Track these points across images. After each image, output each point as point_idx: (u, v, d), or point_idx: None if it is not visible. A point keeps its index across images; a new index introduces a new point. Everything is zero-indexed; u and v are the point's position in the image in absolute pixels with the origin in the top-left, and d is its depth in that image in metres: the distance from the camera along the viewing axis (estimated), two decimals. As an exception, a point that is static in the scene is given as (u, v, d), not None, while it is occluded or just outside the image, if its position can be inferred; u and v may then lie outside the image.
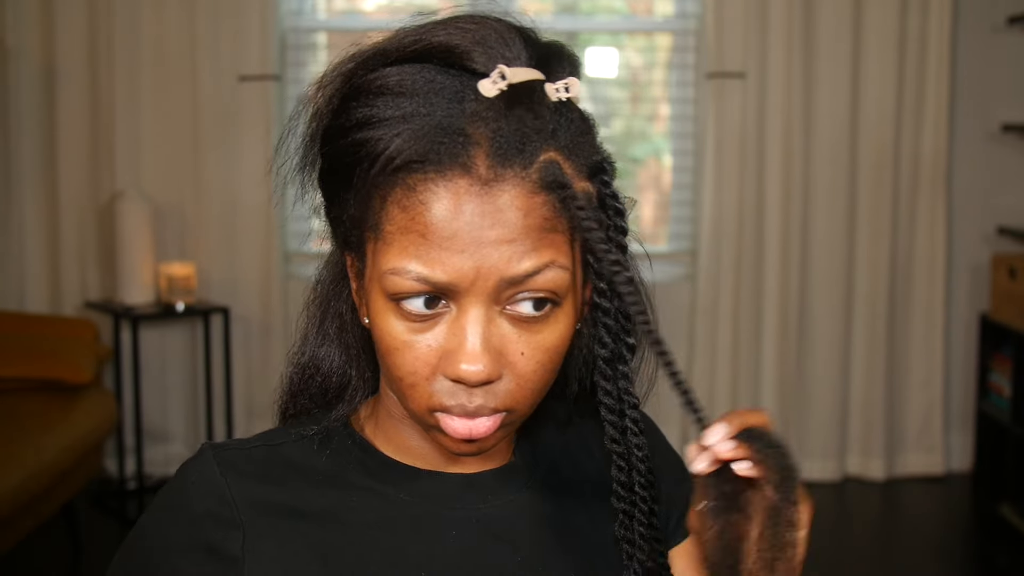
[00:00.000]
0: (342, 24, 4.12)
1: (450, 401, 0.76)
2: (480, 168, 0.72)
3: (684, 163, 4.16)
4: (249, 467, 0.84)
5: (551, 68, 0.78)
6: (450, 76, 0.75)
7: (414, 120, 0.73)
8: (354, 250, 0.81)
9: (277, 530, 0.81)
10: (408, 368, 0.76)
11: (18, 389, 3.25)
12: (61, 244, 3.93)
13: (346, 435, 0.88)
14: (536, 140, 0.74)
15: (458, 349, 0.74)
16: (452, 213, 0.72)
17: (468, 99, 0.74)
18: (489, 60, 0.75)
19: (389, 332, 0.76)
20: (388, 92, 0.75)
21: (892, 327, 4.07)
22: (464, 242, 0.72)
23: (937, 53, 3.95)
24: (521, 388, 0.77)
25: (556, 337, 0.77)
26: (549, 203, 0.73)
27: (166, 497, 0.85)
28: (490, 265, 0.73)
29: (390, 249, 0.75)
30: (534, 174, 0.73)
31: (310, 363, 0.89)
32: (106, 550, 3.48)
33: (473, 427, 0.77)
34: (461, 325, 0.75)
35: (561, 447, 0.93)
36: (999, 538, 3.65)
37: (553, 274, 0.74)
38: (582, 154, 0.77)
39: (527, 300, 0.75)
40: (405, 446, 0.86)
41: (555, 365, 0.78)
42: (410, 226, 0.73)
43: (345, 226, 0.80)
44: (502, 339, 0.75)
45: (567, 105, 0.77)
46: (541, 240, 0.74)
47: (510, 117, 0.73)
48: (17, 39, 3.87)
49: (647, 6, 4.26)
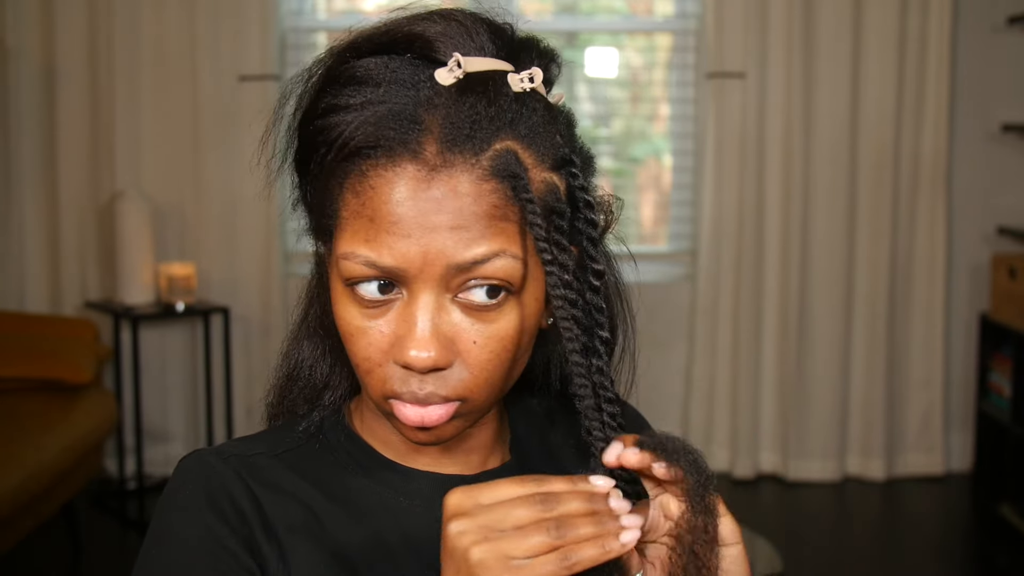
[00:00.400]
0: (342, 24, 4.12)
1: (401, 388, 0.76)
2: (429, 154, 0.73)
3: (684, 163, 4.16)
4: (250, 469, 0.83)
5: (519, 61, 0.78)
6: (413, 66, 0.76)
7: (371, 107, 0.74)
8: (321, 238, 0.82)
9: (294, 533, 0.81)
10: (363, 354, 0.77)
11: (18, 389, 3.25)
12: (61, 244, 3.93)
13: (338, 426, 0.88)
14: (488, 128, 0.74)
15: (407, 335, 0.74)
16: (400, 198, 0.73)
17: (424, 87, 0.74)
18: (451, 50, 0.75)
19: (344, 317, 0.77)
20: (354, 81, 0.76)
21: (892, 327, 4.07)
22: (410, 227, 0.73)
23: (937, 53, 3.95)
24: (475, 377, 0.76)
25: (511, 327, 0.76)
26: (500, 191, 0.73)
27: (173, 495, 0.82)
28: (437, 250, 0.73)
29: (343, 234, 0.75)
30: (485, 161, 0.73)
31: (296, 355, 0.90)
32: (106, 550, 3.49)
33: (425, 415, 0.76)
34: (411, 311, 0.75)
35: (549, 444, 0.93)
36: (999, 538, 3.65)
37: (503, 263, 0.74)
38: (545, 145, 0.77)
39: (479, 287, 0.75)
40: (389, 439, 0.86)
41: (511, 355, 0.77)
42: (361, 211, 0.74)
43: (313, 213, 0.81)
44: (454, 327, 0.75)
45: (531, 96, 0.77)
46: (491, 228, 0.73)
47: (462, 104, 0.73)
48: (17, 39, 3.87)
49: (647, 6, 4.26)
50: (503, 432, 0.90)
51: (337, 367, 0.89)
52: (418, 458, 0.86)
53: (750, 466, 4.09)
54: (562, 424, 0.94)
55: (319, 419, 0.87)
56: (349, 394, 0.90)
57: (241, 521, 0.80)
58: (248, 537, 0.79)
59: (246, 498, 0.81)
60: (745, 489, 4.03)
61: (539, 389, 0.92)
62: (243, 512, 0.80)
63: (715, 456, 4.10)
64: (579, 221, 0.78)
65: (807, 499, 3.99)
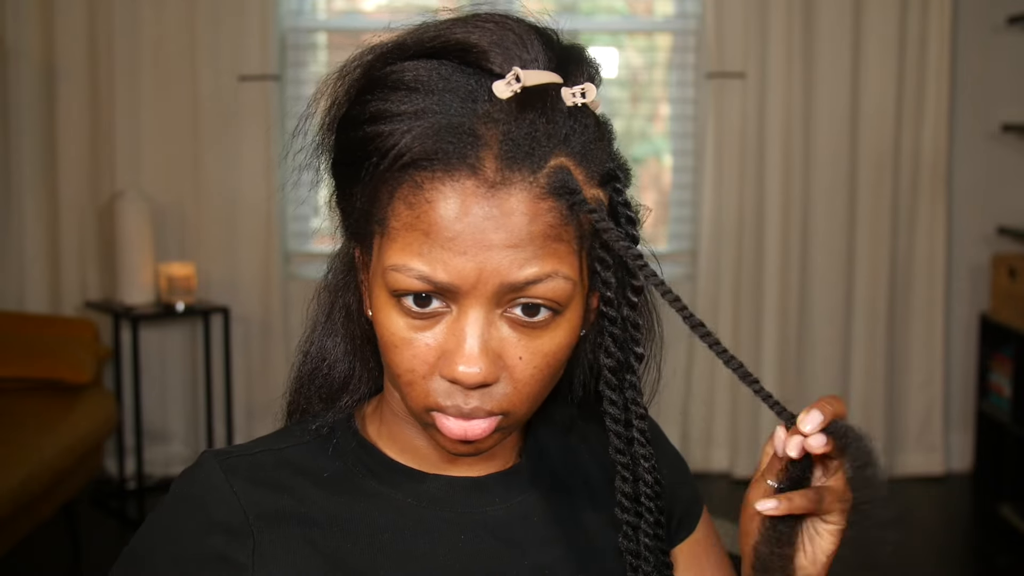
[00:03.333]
0: (342, 24, 4.12)
1: (446, 401, 0.76)
2: (488, 170, 0.72)
3: (684, 163, 4.16)
4: (254, 473, 0.83)
5: (569, 72, 0.77)
6: (466, 75, 0.74)
7: (426, 117, 0.73)
8: (361, 242, 0.81)
9: (285, 536, 0.81)
10: (406, 365, 0.76)
11: (18, 389, 3.25)
12: (61, 244, 3.93)
13: (349, 433, 0.87)
14: (547, 145, 0.73)
15: (456, 350, 0.74)
16: (457, 214, 0.72)
17: (481, 99, 0.73)
18: (506, 61, 0.74)
19: (389, 328, 0.76)
20: (403, 87, 0.74)
21: (892, 327, 4.07)
22: (467, 244, 0.72)
23: (937, 53, 3.95)
24: (518, 392, 0.76)
25: (556, 344, 0.76)
26: (556, 210, 0.73)
27: (170, 507, 0.84)
28: (492, 269, 0.72)
29: (394, 245, 0.74)
30: (543, 179, 0.72)
31: (317, 352, 0.89)
32: (106, 550, 3.48)
33: (468, 428, 0.76)
34: (461, 326, 0.74)
35: (566, 450, 0.92)
36: (999, 538, 3.65)
37: (555, 284, 0.74)
38: (595, 161, 0.76)
39: (528, 304, 0.75)
40: (410, 446, 0.85)
41: (553, 371, 0.78)
42: (415, 224, 0.73)
43: (353, 218, 0.80)
44: (501, 342, 0.75)
45: (583, 110, 0.76)
46: (545, 248, 0.73)
47: (522, 120, 0.73)
48: (17, 38, 3.86)
49: (647, 6, 4.26)
50: (514, 435, 0.89)
51: (357, 370, 0.88)
52: (429, 463, 0.86)
53: (750, 466, 4.09)
54: (580, 431, 0.93)
55: (332, 421, 0.87)
56: (366, 398, 0.89)
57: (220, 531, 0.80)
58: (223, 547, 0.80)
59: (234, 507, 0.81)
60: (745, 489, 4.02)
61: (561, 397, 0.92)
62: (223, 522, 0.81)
63: (715, 456, 4.10)
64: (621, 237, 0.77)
65: (807, 499, 3.99)
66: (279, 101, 3.93)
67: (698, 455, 4.06)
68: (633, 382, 0.78)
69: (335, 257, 0.89)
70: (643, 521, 0.81)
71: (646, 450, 0.78)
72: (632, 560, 0.82)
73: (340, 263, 0.88)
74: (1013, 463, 3.77)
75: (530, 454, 0.90)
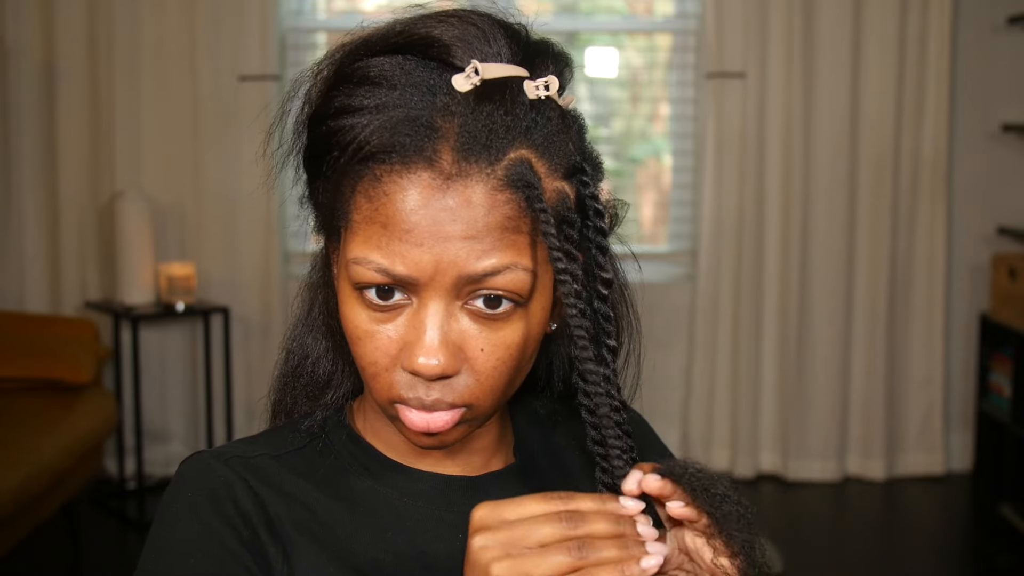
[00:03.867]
0: (342, 24, 4.12)
1: (408, 393, 0.76)
2: (445, 162, 0.72)
3: (684, 163, 4.16)
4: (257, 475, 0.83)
5: (535, 66, 0.77)
6: (428, 69, 0.75)
7: (386, 111, 0.73)
8: (329, 237, 0.82)
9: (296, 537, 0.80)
10: (369, 358, 0.77)
11: (18, 389, 3.25)
12: (61, 244, 3.93)
13: (341, 430, 0.87)
14: (505, 137, 0.73)
15: (416, 342, 0.75)
16: (414, 206, 0.72)
17: (441, 93, 0.74)
18: (468, 55, 0.75)
19: (353, 321, 0.77)
20: (367, 82, 0.75)
21: (892, 327, 4.07)
22: (424, 235, 0.72)
23: (937, 53, 3.95)
24: (480, 384, 0.76)
25: (518, 335, 0.76)
26: (514, 201, 0.73)
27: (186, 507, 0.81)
28: (449, 260, 0.73)
29: (355, 238, 0.75)
30: (500, 171, 0.73)
31: (299, 350, 0.90)
32: (106, 550, 3.49)
33: (431, 420, 0.77)
34: (420, 318, 0.75)
35: (553, 447, 0.93)
36: (999, 538, 3.65)
37: (513, 275, 0.74)
38: (558, 153, 0.76)
39: (488, 296, 0.75)
40: (393, 441, 0.86)
41: (517, 363, 0.78)
42: (374, 216, 0.74)
43: (322, 213, 0.81)
44: (462, 334, 0.75)
45: (546, 103, 0.76)
46: (503, 239, 0.73)
47: (479, 112, 0.73)
48: (17, 39, 3.87)
49: (647, 6, 4.26)
50: (506, 434, 0.90)
51: (340, 366, 0.89)
52: (422, 459, 0.86)
53: (750, 466, 4.09)
54: (565, 426, 0.94)
55: (321, 419, 0.87)
56: (351, 393, 0.90)
57: (244, 522, 0.79)
58: (251, 538, 0.79)
59: (249, 499, 0.80)
60: (745, 489, 4.01)
61: (542, 391, 0.92)
62: (246, 513, 0.80)
63: (715, 456, 4.09)
64: (588, 229, 0.78)
65: (807, 499, 3.99)
66: (279, 101, 3.92)
67: (698, 455, 4.06)
68: (607, 375, 0.78)
69: (316, 255, 0.90)
70: None
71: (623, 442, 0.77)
72: None
73: (320, 260, 0.89)
74: (1013, 463, 3.77)
75: (523, 454, 0.90)
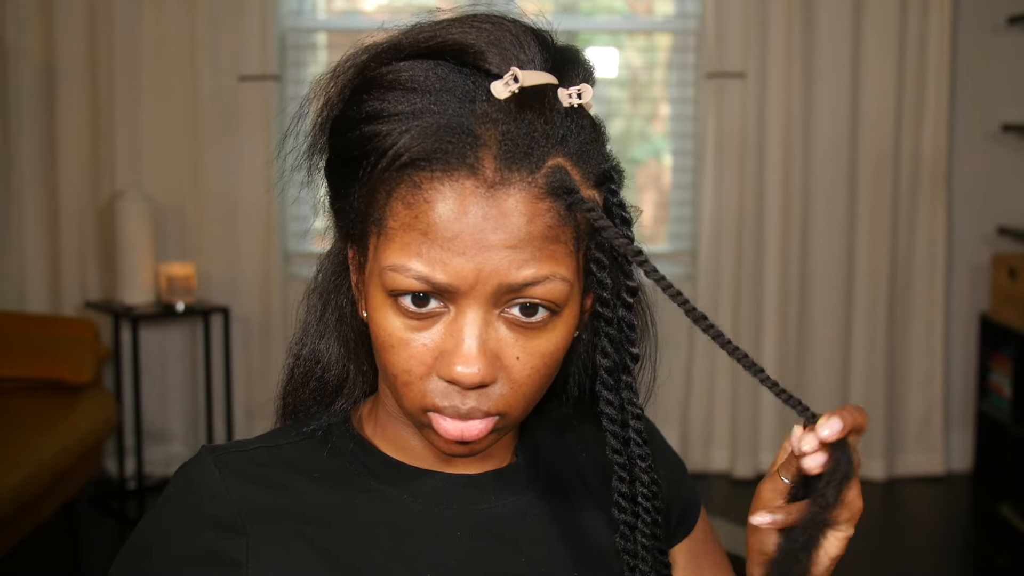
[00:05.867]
0: (342, 24, 4.12)
1: (443, 402, 0.76)
2: (487, 170, 0.72)
3: (684, 163, 4.16)
4: (250, 470, 0.83)
5: (565, 73, 0.77)
6: (463, 75, 0.74)
7: (424, 117, 0.73)
8: (356, 243, 0.80)
9: (280, 534, 0.81)
10: (403, 366, 0.76)
11: (18, 389, 3.25)
12: (61, 244, 3.93)
13: (346, 434, 0.87)
14: (545, 145, 0.73)
15: (454, 350, 0.74)
16: (456, 214, 0.72)
17: (479, 99, 0.73)
18: (503, 61, 0.74)
19: (386, 328, 0.76)
20: (399, 87, 0.74)
21: (892, 327, 4.07)
22: (466, 244, 0.72)
23: (937, 53, 3.95)
24: (515, 392, 0.76)
25: (553, 344, 0.77)
26: (554, 210, 0.73)
27: (166, 504, 0.84)
28: (491, 269, 0.72)
29: (392, 245, 0.74)
30: (541, 179, 0.73)
31: (310, 355, 0.88)
32: (106, 550, 3.48)
33: (465, 429, 0.76)
34: (459, 327, 0.74)
35: (562, 449, 0.93)
36: (999, 538, 3.65)
37: (553, 285, 0.74)
38: (591, 162, 0.76)
39: (526, 305, 0.75)
40: (406, 445, 0.86)
41: (550, 371, 0.78)
42: (413, 224, 0.73)
43: (348, 218, 0.80)
44: (499, 342, 0.75)
45: (579, 111, 0.76)
46: (543, 249, 0.73)
47: (520, 120, 0.73)
48: (17, 38, 3.87)
49: (647, 6, 4.26)
50: (510, 434, 0.89)
51: (352, 372, 0.88)
52: (423, 459, 0.86)
53: (750, 466, 4.09)
54: (576, 430, 0.93)
55: (327, 424, 0.87)
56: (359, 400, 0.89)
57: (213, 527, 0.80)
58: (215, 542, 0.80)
59: (227, 503, 0.81)
60: (745, 489, 4.02)
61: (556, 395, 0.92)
62: (217, 517, 0.80)
63: (715, 456, 4.10)
64: None
65: (807, 499, 3.99)
66: (279, 101, 3.93)
67: (698, 455, 4.07)
68: (629, 382, 0.78)
69: (325, 259, 0.89)
70: (640, 521, 0.81)
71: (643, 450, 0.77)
72: (629, 560, 0.82)
73: (331, 265, 0.88)
74: (1013, 463, 3.77)
75: (526, 453, 0.90)
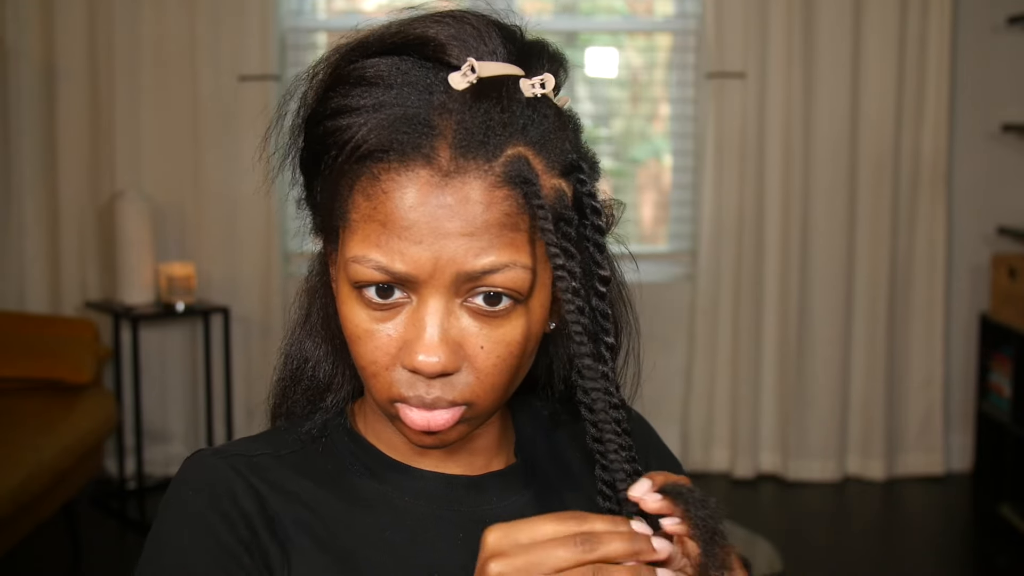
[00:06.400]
0: (342, 24, 4.12)
1: (408, 392, 0.76)
2: (442, 159, 0.72)
3: (684, 163, 4.16)
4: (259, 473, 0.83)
5: (530, 65, 0.78)
6: (424, 68, 0.75)
7: (383, 110, 0.74)
8: (327, 238, 0.82)
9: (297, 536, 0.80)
10: (369, 357, 0.77)
11: (18, 389, 3.25)
12: (61, 244, 3.93)
13: (342, 432, 0.88)
14: (502, 134, 0.73)
15: (416, 340, 0.75)
16: (412, 203, 0.72)
17: (438, 91, 0.74)
18: (463, 54, 0.75)
19: (352, 320, 0.77)
20: (364, 82, 0.76)
21: (892, 327, 4.07)
22: (423, 232, 0.72)
23: (937, 53, 3.95)
24: (480, 382, 0.76)
25: (518, 333, 0.77)
26: (512, 198, 0.73)
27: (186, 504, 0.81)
28: (448, 257, 0.73)
29: (354, 237, 0.75)
30: (498, 168, 0.73)
31: (298, 354, 0.89)
32: (106, 550, 3.49)
33: (431, 419, 0.77)
34: (420, 316, 0.75)
35: (555, 446, 0.93)
36: (999, 538, 3.65)
37: (513, 274, 0.74)
38: (555, 151, 0.76)
39: (488, 293, 0.75)
40: (395, 441, 0.86)
41: (517, 361, 0.78)
42: (372, 215, 0.74)
43: (319, 214, 0.81)
44: (461, 332, 0.75)
45: (542, 101, 0.77)
46: (501, 237, 0.73)
47: (476, 109, 0.73)
48: (17, 38, 3.87)
49: (647, 6, 4.26)
50: (508, 434, 0.90)
51: (340, 368, 0.88)
52: (423, 459, 0.86)
53: (750, 466, 4.09)
54: (567, 427, 0.94)
55: (322, 421, 0.87)
56: (351, 396, 0.90)
57: (244, 522, 0.79)
58: (251, 537, 0.79)
59: (249, 497, 0.80)
60: (745, 489, 4.03)
61: (542, 391, 0.92)
62: (246, 512, 0.80)
63: (715, 456, 4.09)
64: (586, 227, 0.78)
65: (807, 499, 3.99)
66: (277, 103, 3.92)
67: (698, 455, 4.06)
68: (605, 372, 0.78)
69: (314, 258, 0.90)
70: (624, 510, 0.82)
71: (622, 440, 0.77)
72: None
73: (318, 264, 0.89)
74: (1013, 463, 3.77)
75: (525, 454, 0.90)
